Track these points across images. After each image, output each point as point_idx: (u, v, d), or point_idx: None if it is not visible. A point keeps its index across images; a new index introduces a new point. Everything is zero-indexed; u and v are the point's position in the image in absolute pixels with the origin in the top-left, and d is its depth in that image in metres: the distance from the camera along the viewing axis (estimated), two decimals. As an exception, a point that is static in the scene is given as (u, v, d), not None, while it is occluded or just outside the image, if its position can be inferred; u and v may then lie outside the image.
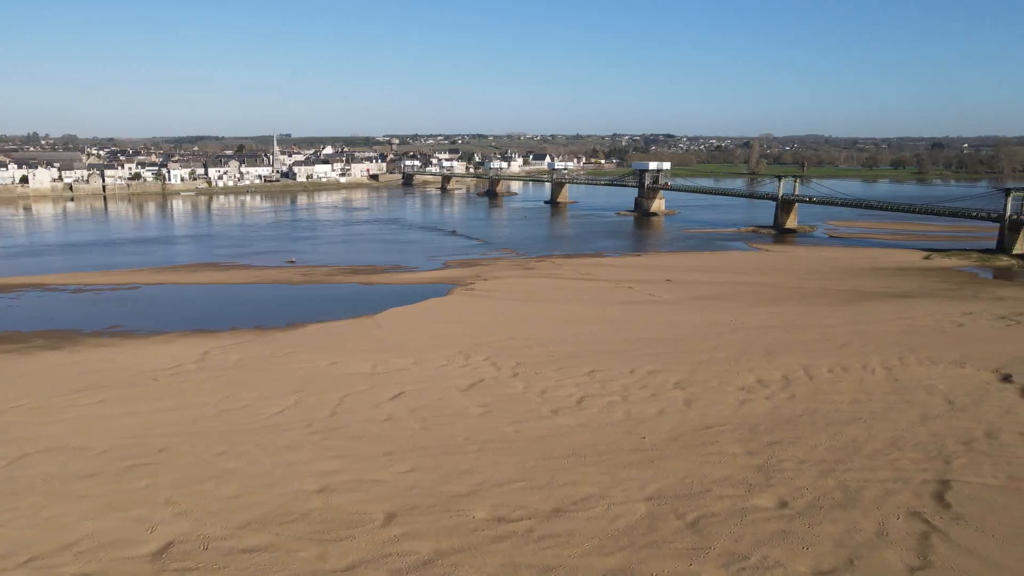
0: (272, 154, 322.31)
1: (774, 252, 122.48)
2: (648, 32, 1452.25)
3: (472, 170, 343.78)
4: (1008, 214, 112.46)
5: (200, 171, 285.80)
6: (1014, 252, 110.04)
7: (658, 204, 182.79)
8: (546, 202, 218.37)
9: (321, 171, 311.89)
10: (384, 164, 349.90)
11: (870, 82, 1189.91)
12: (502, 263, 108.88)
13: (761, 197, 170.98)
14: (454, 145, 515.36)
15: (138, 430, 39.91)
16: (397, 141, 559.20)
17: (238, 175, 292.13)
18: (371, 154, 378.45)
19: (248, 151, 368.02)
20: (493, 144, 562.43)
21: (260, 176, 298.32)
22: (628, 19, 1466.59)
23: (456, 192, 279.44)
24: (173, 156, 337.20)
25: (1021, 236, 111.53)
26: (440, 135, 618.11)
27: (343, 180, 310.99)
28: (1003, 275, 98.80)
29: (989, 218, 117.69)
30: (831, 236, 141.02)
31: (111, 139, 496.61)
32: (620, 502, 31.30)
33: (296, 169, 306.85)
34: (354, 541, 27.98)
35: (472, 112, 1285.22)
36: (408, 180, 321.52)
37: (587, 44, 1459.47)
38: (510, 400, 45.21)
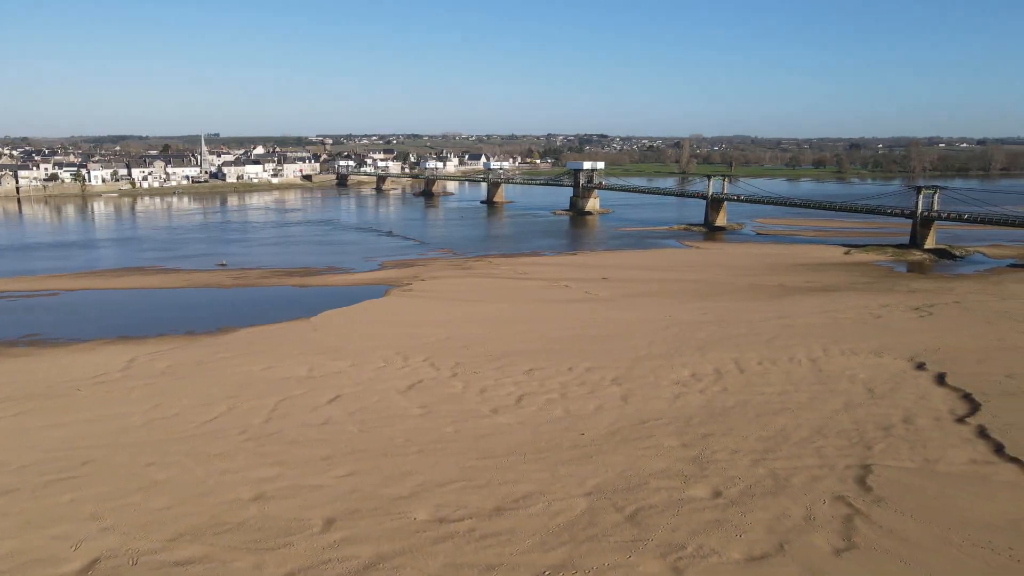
0: (200, 154, 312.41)
1: (705, 249, 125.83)
2: (582, 34, 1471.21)
3: (408, 170, 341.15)
4: (919, 211, 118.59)
5: (123, 172, 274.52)
6: (925, 247, 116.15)
7: (593, 203, 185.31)
8: (482, 202, 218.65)
9: (252, 171, 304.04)
10: (317, 164, 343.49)
11: (793, 85, 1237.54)
12: (439, 263, 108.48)
13: (692, 196, 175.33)
14: (389, 145, 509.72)
15: (60, 443, 38.16)
16: (331, 141, 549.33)
17: (164, 176, 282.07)
18: (304, 154, 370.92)
19: (174, 151, 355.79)
20: (428, 144, 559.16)
21: (187, 177, 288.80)
22: (562, 21, 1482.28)
23: (392, 192, 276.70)
24: (93, 156, 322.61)
25: (931, 232, 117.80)
26: (375, 135, 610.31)
27: (275, 181, 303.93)
28: (916, 268, 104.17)
29: (902, 215, 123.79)
30: (758, 233, 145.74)
31: (25, 139, 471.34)
32: (560, 498, 31.69)
33: (226, 169, 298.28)
34: (292, 548, 27.49)
35: (407, 112, 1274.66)
36: (342, 181, 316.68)
37: (521, 45, 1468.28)
38: (449, 400, 45.16)
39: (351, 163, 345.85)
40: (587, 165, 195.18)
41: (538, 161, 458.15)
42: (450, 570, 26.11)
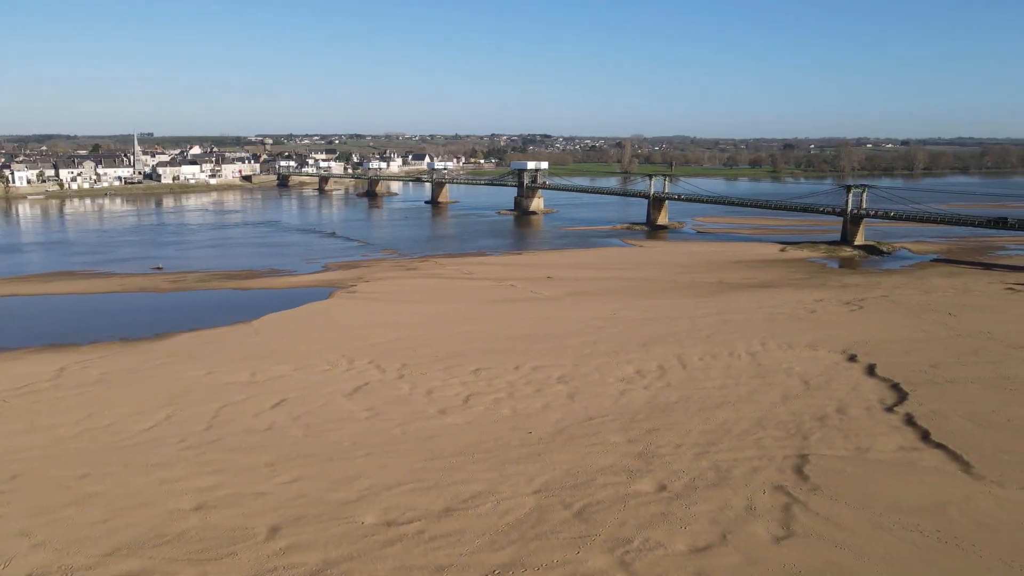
0: (133, 154, 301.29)
1: (647, 248, 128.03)
2: (525, 34, 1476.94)
3: (350, 171, 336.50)
4: (849, 209, 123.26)
5: (50, 172, 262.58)
6: (855, 243, 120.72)
7: (537, 203, 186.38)
8: (427, 202, 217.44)
9: (189, 172, 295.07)
10: (257, 165, 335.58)
11: (729, 87, 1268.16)
12: (384, 264, 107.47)
13: (634, 195, 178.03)
14: (331, 145, 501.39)
15: (-15, 457, 36.42)
16: (271, 141, 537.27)
17: (94, 177, 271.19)
18: (243, 154, 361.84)
19: (105, 151, 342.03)
20: (371, 144, 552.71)
21: (120, 178, 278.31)
22: (505, 22, 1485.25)
23: (334, 193, 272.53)
24: (17, 156, 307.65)
25: (861, 229, 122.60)
26: (316, 135, 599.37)
27: (213, 182, 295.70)
28: (847, 264, 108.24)
29: (834, 213, 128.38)
30: (699, 232, 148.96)
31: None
32: (509, 497, 31.87)
33: (161, 170, 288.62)
34: (236, 558, 26.91)
35: (349, 112, 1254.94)
36: (283, 181, 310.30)
37: (465, 45, 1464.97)
38: (396, 402, 44.87)
39: (292, 163, 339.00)
40: (531, 165, 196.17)
41: (482, 161, 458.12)
42: (399, 573, 25.99)
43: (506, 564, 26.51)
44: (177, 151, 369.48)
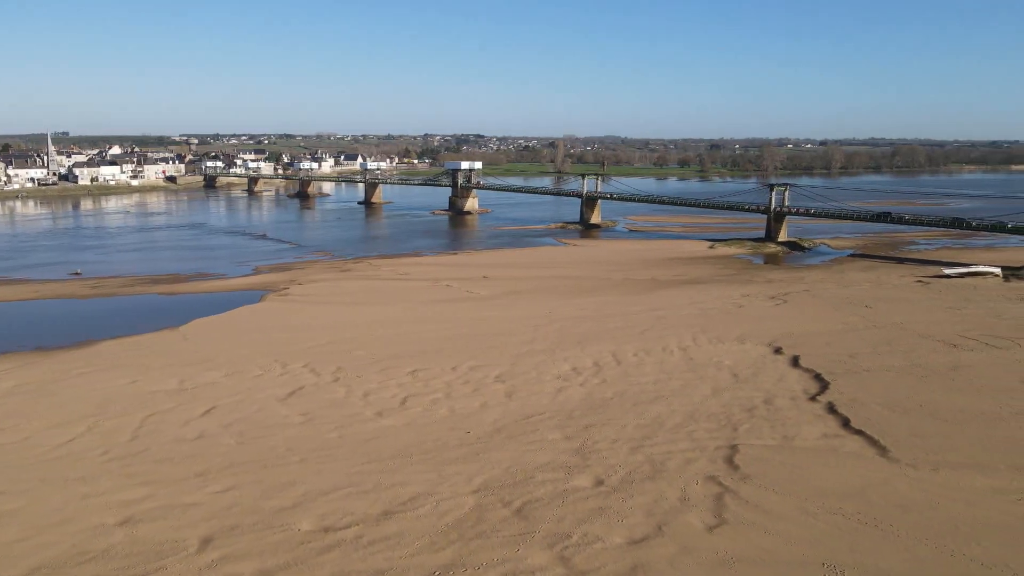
0: (47, 154, 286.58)
1: (581, 246, 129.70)
2: (458, 33, 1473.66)
3: (281, 171, 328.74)
4: (772, 207, 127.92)
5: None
6: (779, 240, 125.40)
7: (472, 203, 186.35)
8: (360, 203, 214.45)
9: (108, 173, 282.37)
10: (182, 165, 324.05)
11: (659, 88, 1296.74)
12: (318, 266, 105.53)
13: (567, 194, 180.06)
14: (260, 146, 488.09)
15: None
16: (196, 141, 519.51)
17: (4, 178, 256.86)
18: (167, 155, 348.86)
19: (16, 151, 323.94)
20: (302, 144, 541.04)
21: (33, 179, 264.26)
22: (437, 21, 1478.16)
23: (264, 194, 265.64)
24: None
25: (784, 226, 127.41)
26: (244, 135, 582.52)
27: (135, 183, 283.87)
28: (771, 260, 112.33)
29: (758, 211, 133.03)
30: (631, 230, 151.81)
31: None
32: (448, 497, 31.84)
33: (78, 171, 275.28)
34: (166, 572, 26.03)
35: (279, 112, 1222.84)
36: (211, 182, 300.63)
37: (396, 45, 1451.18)
38: (332, 406, 44.19)
39: (220, 164, 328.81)
40: (465, 165, 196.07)
41: (416, 161, 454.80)
42: (338, 579, 25.64)
43: (446, 565, 26.51)
44: (95, 151, 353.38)
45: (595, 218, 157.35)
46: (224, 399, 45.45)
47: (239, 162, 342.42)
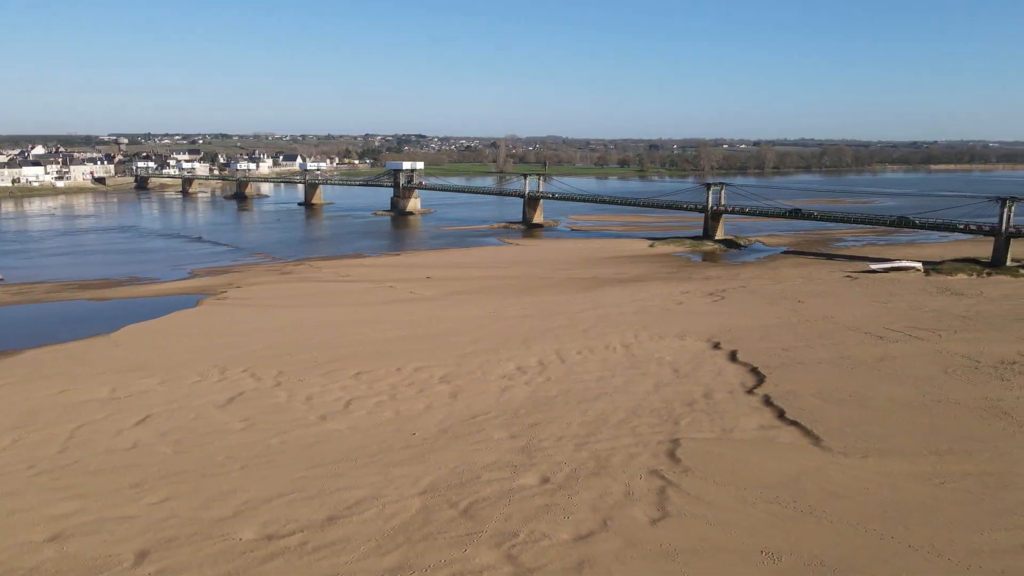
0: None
1: (524, 246, 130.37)
2: (398, 31, 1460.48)
3: (217, 172, 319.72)
4: (710, 206, 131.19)
5: None
6: (716, 238, 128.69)
7: (414, 203, 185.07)
8: (300, 204, 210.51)
9: (32, 174, 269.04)
10: (112, 166, 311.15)
11: (598, 88, 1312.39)
12: (257, 268, 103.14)
13: (510, 194, 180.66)
14: (195, 146, 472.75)
15: None
16: (126, 141, 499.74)
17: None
18: (95, 155, 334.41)
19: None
20: (239, 144, 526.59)
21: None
22: (376, 21, 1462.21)
23: (200, 196, 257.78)
24: None
25: (720, 224, 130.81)
26: (178, 135, 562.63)
27: (61, 184, 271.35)
28: (709, 258, 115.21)
29: (696, 209, 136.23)
30: (573, 229, 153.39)
31: None
32: (394, 500, 31.65)
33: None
34: (101, 587, 25.15)
35: (214, 111, 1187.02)
36: (142, 183, 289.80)
37: (336, 44, 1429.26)
38: (274, 411, 43.34)
39: (152, 164, 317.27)
40: (407, 165, 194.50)
41: (357, 162, 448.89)
42: (282, 587, 25.22)
43: (393, 568, 26.36)
44: (16, 151, 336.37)
45: (537, 218, 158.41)
46: (159, 407, 44.06)
47: (172, 163, 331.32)
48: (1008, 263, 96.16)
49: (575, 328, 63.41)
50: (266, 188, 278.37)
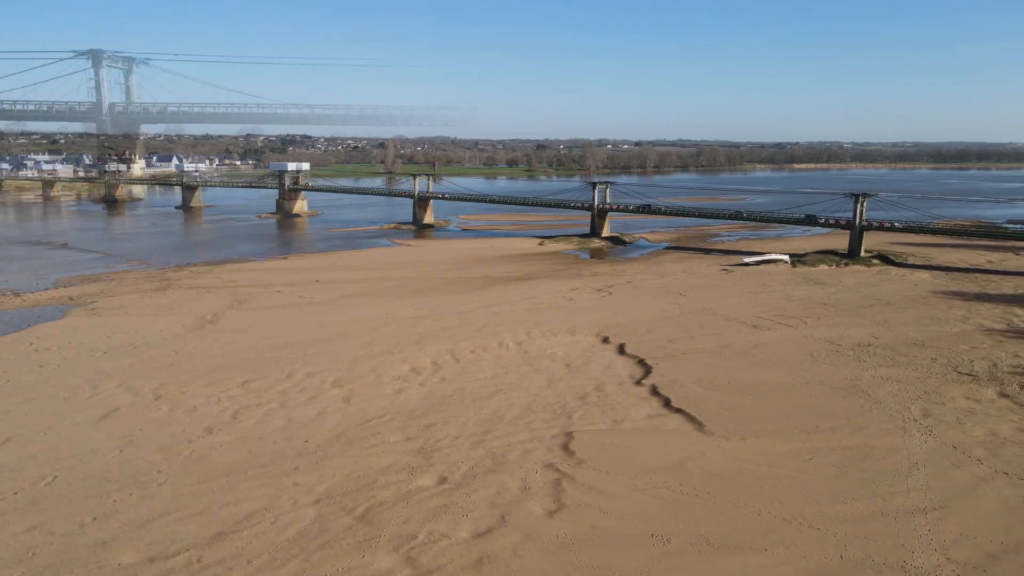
0: None
1: (415, 246, 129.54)
2: (278, 30, 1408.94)
3: (83, 174, 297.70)
4: (596, 204, 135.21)
5: None
6: (603, 235, 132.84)
7: (300, 205, 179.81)
8: (178, 207, 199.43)
9: None
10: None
11: (486, 89, 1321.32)
12: (133, 276, 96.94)
13: (399, 195, 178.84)
14: (56, 145, 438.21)
15: None
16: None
17: None
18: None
19: None
20: (107, 144, 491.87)
21: None
22: (258, 17, 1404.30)
23: (64, 199, 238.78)
24: None
25: (606, 222, 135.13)
26: (36, 133, 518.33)
27: None
28: (597, 255, 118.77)
29: (583, 208, 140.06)
30: (464, 229, 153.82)
31: None
32: (288, 511, 30.85)
33: None
34: (-39, 628, 23.11)
35: (78, 107, 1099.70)
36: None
37: (214, 38, 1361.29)
38: (155, 425, 41.08)
39: (6, 165, 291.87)
40: (292, 166, 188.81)
41: (238, 163, 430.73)
42: (169, 609, 24.06)
43: (289, 580, 25.71)
44: None
45: (428, 218, 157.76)
46: (23, 428, 40.76)
47: (30, 164, 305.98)
48: (862, 254, 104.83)
49: (468, 327, 63.78)
50: (139, 191, 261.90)
